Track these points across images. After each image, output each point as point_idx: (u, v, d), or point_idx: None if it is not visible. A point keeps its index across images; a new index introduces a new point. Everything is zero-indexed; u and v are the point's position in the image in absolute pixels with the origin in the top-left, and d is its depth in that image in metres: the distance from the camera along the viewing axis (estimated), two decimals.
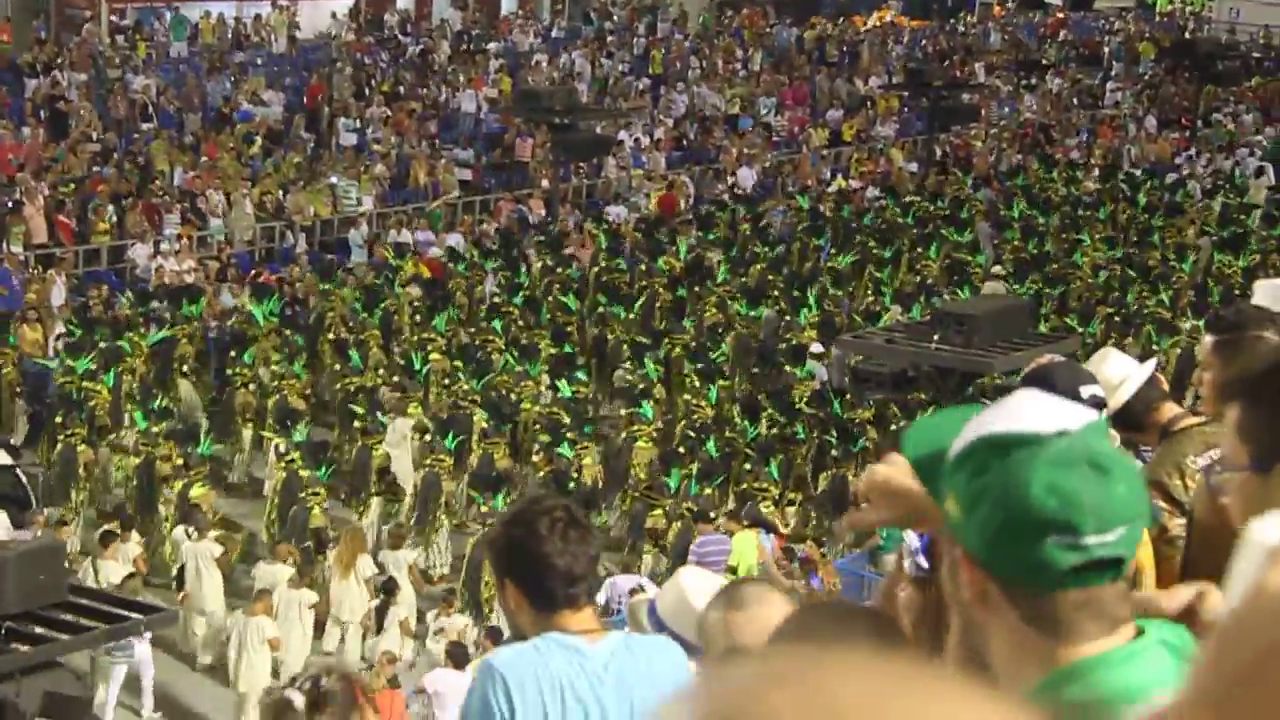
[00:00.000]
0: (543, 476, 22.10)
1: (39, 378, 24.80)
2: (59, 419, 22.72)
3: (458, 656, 16.92)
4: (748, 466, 22.50)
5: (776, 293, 29.59)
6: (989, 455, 2.21)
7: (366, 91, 40.15)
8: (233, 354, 25.40)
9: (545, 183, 36.02)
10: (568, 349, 26.37)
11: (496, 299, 28.69)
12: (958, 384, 21.95)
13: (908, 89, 43.67)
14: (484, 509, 21.22)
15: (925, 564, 2.90)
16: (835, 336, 26.19)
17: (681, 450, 22.98)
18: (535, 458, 22.85)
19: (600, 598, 16.70)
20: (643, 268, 30.96)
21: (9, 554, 13.54)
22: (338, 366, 25.43)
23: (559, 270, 30.27)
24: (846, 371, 25.27)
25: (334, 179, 34.11)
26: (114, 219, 30.75)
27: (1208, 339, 5.35)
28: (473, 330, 27.32)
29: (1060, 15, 63.63)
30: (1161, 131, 46.38)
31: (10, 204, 29.63)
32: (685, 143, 41.29)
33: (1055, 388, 5.36)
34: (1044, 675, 2.22)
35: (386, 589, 19.08)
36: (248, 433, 23.94)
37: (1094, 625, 2.22)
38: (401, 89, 41.00)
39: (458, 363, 25.37)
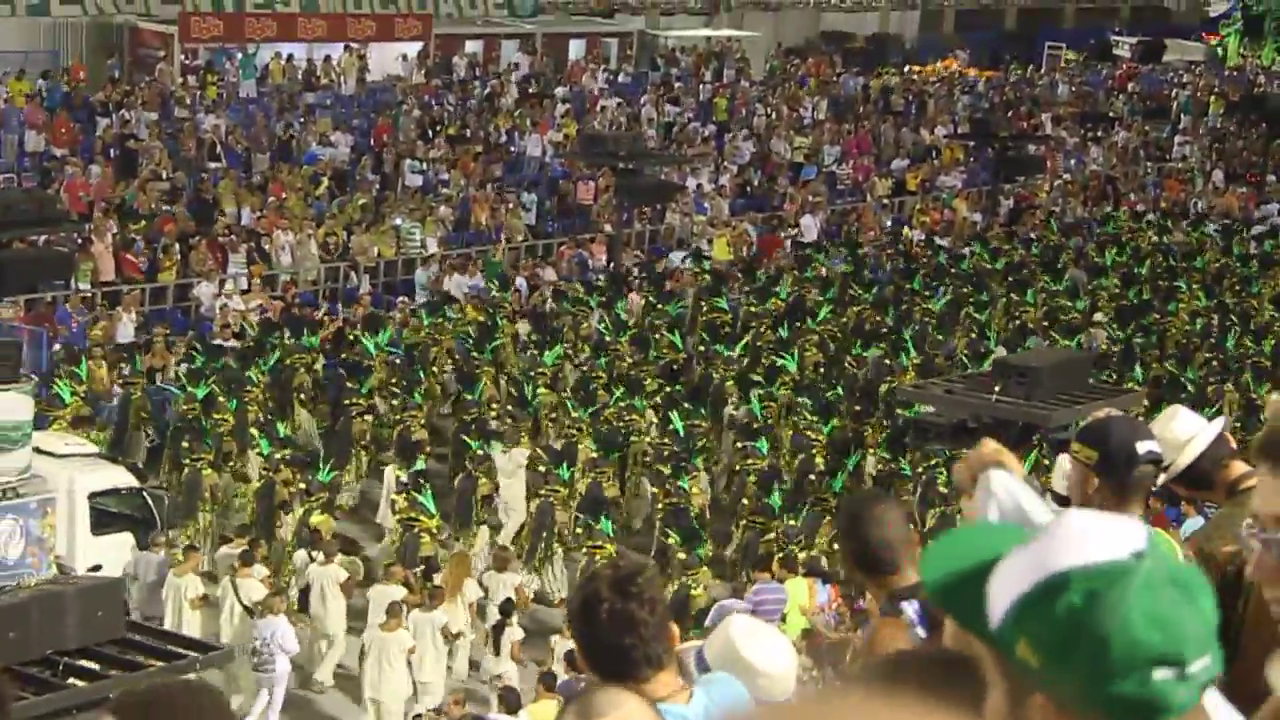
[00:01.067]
0: (661, 508, 22.60)
1: (159, 403, 25.38)
2: (185, 444, 23.29)
3: (510, 701, 16.91)
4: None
5: (881, 333, 30.43)
6: (1067, 594, 2.05)
7: (431, 134, 40.39)
8: (349, 384, 26.03)
9: (608, 227, 36.10)
10: (678, 386, 27.06)
11: (603, 335, 29.44)
12: (1018, 436, 21.81)
13: (973, 139, 43.62)
14: (582, 531, 21.83)
15: (924, 634, 2.87)
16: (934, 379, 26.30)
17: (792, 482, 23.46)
18: (652, 488, 23.40)
19: (709, 620, 17.19)
20: (750, 308, 31.61)
21: (69, 590, 13.67)
22: (467, 396, 26.05)
23: (660, 308, 31.23)
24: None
25: (398, 220, 34.31)
26: (179, 256, 31.01)
27: (1274, 396, 5.23)
28: (579, 365, 27.91)
29: (1129, 68, 63.43)
30: (1229, 185, 46.15)
31: (80, 240, 29.89)
32: (749, 190, 41.32)
33: (1111, 443, 5.34)
34: None
35: (504, 610, 19.47)
36: (363, 459, 24.64)
37: None
38: (467, 132, 41.22)
39: (565, 396, 26.14)
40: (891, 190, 43.01)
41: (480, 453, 23.41)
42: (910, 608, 2.77)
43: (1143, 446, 5.32)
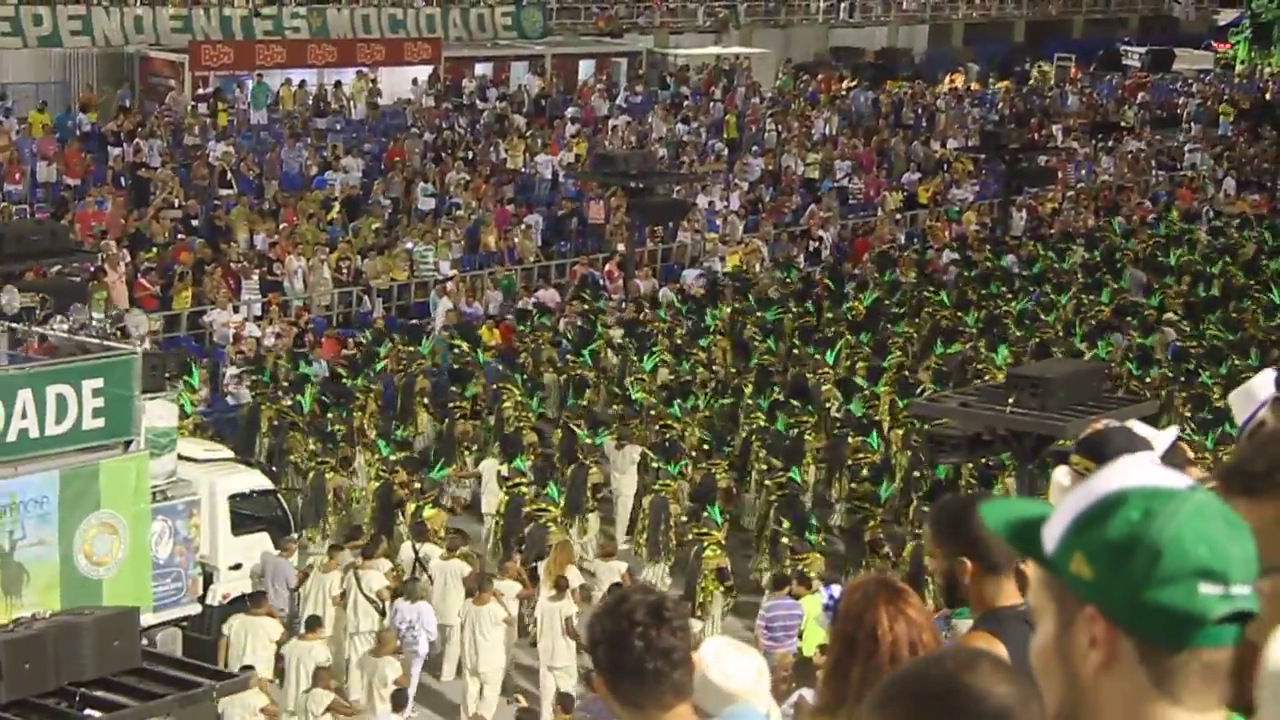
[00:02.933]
0: (775, 499, 23.26)
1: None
2: (313, 446, 24.33)
3: (565, 704, 17.21)
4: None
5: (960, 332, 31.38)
6: (1126, 509, 2.23)
7: (443, 157, 40.45)
8: (454, 388, 27.37)
9: (621, 247, 36.13)
10: (774, 388, 27.82)
11: (681, 341, 30.27)
12: (1033, 447, 21.78)
13: (984, 151, 43.53)
14: (689, 519, 22.48)
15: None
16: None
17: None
18: (766, 481, 24.11)
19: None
20: (829, 315, 32.51)
21: (86, 620, 13.70)
22: (571, 402, 27.19)
23: (750, 315, 32.31)
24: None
25: (410, 244, 34.37)
26: (192, 284, 31.08)
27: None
28: (674, 368, 28.96)
29: (1139, 77, 63.38)
30: (1240, 193, 46.11)
31: (92, 270, 29.97)
32: (760, 206, 41.32)
33: (1109, 453, 5.33)
34: None
35: None
36: (468, 459, 25.47)
37: (1211, 693, 2.23)
38: (472, 154, 41.27)
39: (662, 397, 27.22)
40: (903, 204, 42.99)
41: (591, 443, 24.54)
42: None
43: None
